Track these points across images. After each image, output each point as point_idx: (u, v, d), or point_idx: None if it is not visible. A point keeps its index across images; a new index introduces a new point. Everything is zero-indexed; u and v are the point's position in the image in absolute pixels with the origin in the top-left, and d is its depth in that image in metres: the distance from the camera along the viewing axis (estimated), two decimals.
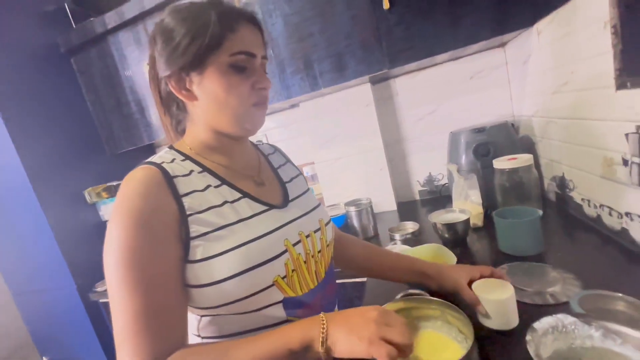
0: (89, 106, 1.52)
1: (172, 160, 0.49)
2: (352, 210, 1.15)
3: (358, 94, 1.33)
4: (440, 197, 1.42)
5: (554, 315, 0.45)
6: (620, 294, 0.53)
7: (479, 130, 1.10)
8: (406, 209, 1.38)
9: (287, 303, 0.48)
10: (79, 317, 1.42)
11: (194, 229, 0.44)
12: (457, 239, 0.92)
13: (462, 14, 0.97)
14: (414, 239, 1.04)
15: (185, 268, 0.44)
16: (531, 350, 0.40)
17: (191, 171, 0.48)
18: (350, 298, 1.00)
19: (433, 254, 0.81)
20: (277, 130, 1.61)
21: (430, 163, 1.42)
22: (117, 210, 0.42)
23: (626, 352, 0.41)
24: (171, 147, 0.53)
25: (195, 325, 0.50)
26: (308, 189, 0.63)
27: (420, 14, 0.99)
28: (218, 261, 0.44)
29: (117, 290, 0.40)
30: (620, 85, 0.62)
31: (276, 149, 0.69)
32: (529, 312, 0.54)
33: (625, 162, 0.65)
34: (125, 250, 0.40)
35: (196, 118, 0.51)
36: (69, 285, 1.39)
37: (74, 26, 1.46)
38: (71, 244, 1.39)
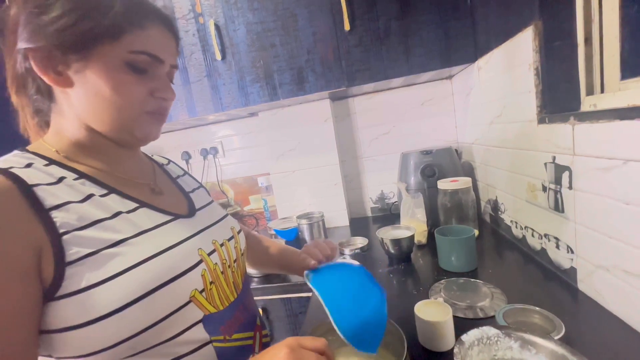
0: None
1: (28, 165, 0.37)
2: (304, 223, 1.14)
3: (317, 109, 1.35)
4: (390, 215, 1.47)
5: (479, 327, 0.48)
6: (537, 308, 0.58)
7: (427, 153, 1.17)
8: (358, 225, 1.40)
9: (207, 321, 0.43)
10: None
11: (73, 251, 0.34)
12: (402, 254, 0.94)
13: (413, 44, 1.05)
14: (363, 254, 1.05)
15: (56, 306, 0.34)
16: None
17: (61, 178, 0.38)
18: (295, 314, 0.97)
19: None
20: (233, 137, 1.57)
21: (382, 181, 1.48)
22: None
23: None
24: (24, 150, 0.41)
25: None
26: (212, 201, 0.58)
27: (377, 39, 1.05)
28: (116, 284, 0.35)
29: None
30: (541, 120, 0.71)
31: (170, 161, 0.63)
32: (462, 326, 0.56)
33: (544, 188, 0.73)
34: None
35: (66, 109, 0.41)
36: None
37: None
38: None
